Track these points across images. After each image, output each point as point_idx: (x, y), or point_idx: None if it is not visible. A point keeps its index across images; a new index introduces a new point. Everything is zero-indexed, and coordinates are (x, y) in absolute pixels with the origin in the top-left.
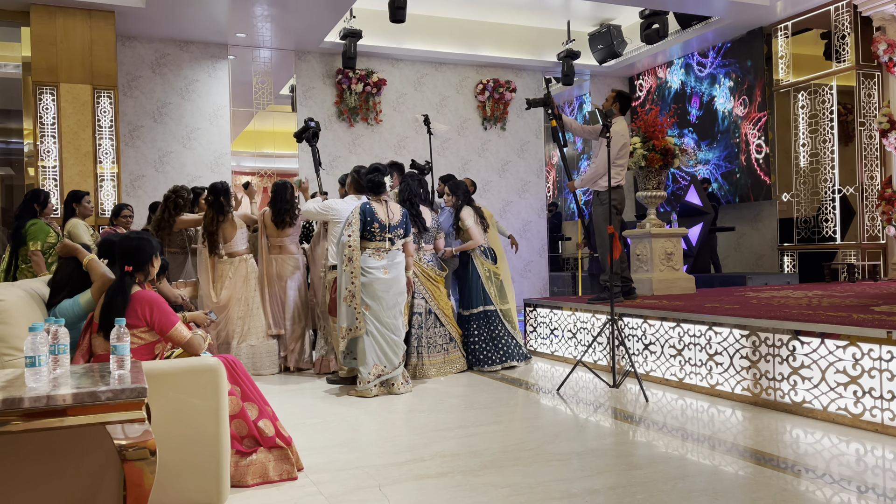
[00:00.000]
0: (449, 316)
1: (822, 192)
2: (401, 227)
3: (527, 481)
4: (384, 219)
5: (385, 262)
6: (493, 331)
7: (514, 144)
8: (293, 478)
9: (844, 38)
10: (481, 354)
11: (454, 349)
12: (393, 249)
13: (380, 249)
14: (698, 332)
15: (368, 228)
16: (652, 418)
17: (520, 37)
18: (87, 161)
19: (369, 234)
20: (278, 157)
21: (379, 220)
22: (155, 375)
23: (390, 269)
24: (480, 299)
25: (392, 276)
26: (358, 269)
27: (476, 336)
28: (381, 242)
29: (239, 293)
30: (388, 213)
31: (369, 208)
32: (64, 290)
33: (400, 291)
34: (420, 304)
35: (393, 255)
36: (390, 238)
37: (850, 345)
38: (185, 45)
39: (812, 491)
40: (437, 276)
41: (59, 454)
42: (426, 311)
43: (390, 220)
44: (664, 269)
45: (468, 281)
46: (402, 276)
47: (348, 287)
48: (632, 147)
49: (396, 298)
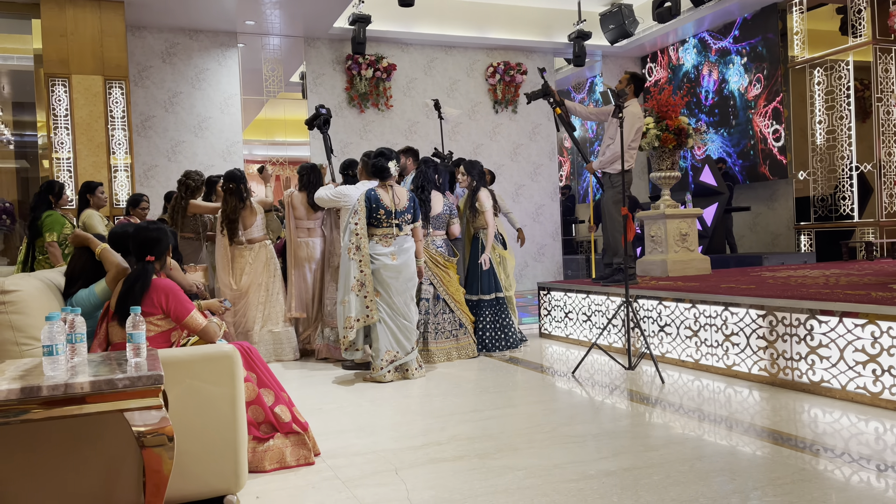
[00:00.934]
0: (460, 302)
1: (839, 169)
2: (408, 213)
3: (543, 463)
4: (390, 205)
5: (393, 248)
6: (504, 318)
7: (525, 127)
8: (310, 463)
9: (861, 13)
10: (490, 341)
11: (464, 336)
12: (401, 235)
13: (387, 236)
14: (714, 313)
15: (374, 215)
16: (668, 400)
17: (530, 18)
18: (100, 152)
19: (376, 221)
20: (290, 145)
21: (384, 207)
22: (171, 363)
23: (399, 255)
24: (493, 286)
25: (400, 261)
26: (367, 257)
27: (489, 323)
28: (388, 229)
29: (259, 279)
30: (395, 199)
31: (374, 195)
32: (79, 281)
33: (410, 277)
34: (428, 290)
35: (401, 241)
36: (397, 224)
37: (868, 323)
38: (194, 34)
39: (831, 470)
40: (448, 262)
41: (79, 442)
42: (434, 296)
43: (396, 206)
44: (679, 250)
45: (479, 266)
46: (411, 261)
47: (357, 276)
48: (645, 127)
49: (406, 284)
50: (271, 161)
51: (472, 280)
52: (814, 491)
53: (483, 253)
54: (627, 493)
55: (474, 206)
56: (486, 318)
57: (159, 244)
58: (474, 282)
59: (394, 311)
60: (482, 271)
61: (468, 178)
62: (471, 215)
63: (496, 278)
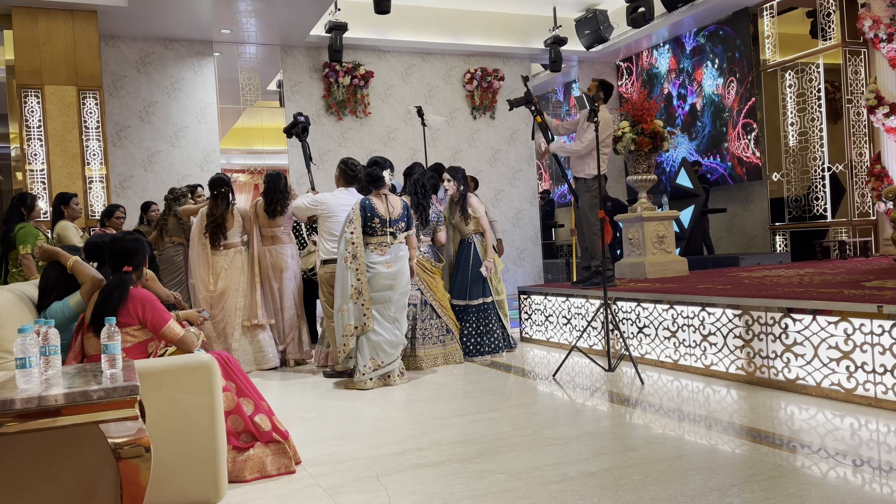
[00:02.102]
0: (446, 308)
1: (811, 170)
2: (402, 221)
3: (524, 466)
4: (384, 213)
5: (388, 256)
6: (489, 323)
7: (503, 133)
8: (291, 471)
9: (830, 16)
10: (473, 346)
11: (451, 342)
12: (395, 243)
13: (382, 244)
14: (692, 314)
15: (370, 224)
16: (648, 400)
17: (506, 24)
18: (74, 163)
19: (370, 230)
20: (268, 154)
21: (379, 216)
22: (148, 373)
23: (394, 263)
24: (480, 291)
25: (395, 269)
26: (363, 265)
27: (473, 327)
28: (382, 237)
29: (236, 283)
30: (389, 207)
31: (369, 203)
32: (52, 293)
33: (405, 285)
34: (415, 296)
35: (396, 249)
36: (392, 232)
37: (841, 320)
38: (169, 43)
39: (808, 466)
40: (434, 268)
41: (54, 455)
42: (421, 302)
43: (391, 215)
44: (656, 252)
45: (468, 270)
46: (405, 269)
47: (354, 284)
48: (620, 131)
49: (401, 292)
50: (249, 170)
51: (461, 285)
52: (790, 487)
53: (478, 257)
54: (608, 493)
55: (465, 211)
56: (471, 322)
57: (136, 255)
58: (462, 287)
59: (386, 320)
60: (471, 276)
61: (454, 183)
62: (461, 220)
63: (486, 283)
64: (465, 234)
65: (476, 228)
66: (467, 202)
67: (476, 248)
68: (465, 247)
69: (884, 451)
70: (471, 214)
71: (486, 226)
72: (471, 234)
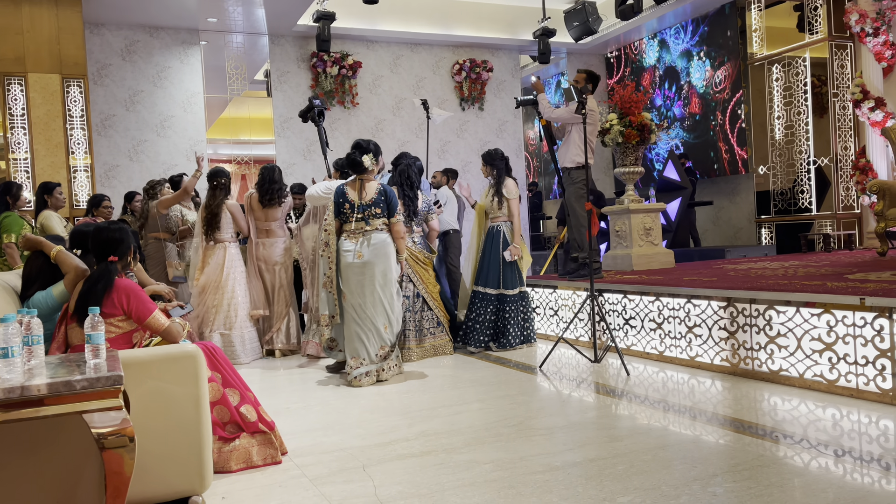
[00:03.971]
0: (437, 300)
1: (797, 163)
2: (376, 206)
3: (510, 456)
4: (354, 198)
5: (358, 245)
6: (527, 312)
7: (492, 125)
8: (277, 462)
9: (817, 10)
10: (511, 336)
11: (441, 334)
12: (370, 231)
13: (355, 231)
14: (677, 305)
15: (342, 210)
16: (633, 391)
17: (495, 15)
18: (58, 152)
19: (343, 216)
20: (255, 144)
21: (349, 200)
22: (133, 364)
23: (365, 252)
24: (518, 280)
25: (366, 259)
26: (335, 254)
27: (511, 316)
28: (356, 223)
29: (215, 280)
30: (362, 192)
31: (341, 188)
32: (35, 283)
33: (380, 277)
34: (409, 288)
35: (370, 236)
36: (362, 217)
37: (824, 312)
38: (155, 32)
39: (790, 456)
40: (426, 259)
41: (37, 445)
42: (414, 294)
43: (362, 200)
44: (643, 244)
45: (500, 259)
46: (380, 258)
47: (326, 272)
48: (608, 123)
49: (372, 283)
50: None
51: (492, 273)
52: (772, 476)
53: (507, 244)
54: (592, 482)
55: (500, 194)
56: (509, 311)
57: (122, 244)
58: (494, 275)
59: (356, 313)
60: (504, 264)
61: (488, 168)
62: (495, 203)
63: (520, 273)
64: (494, 221)
65: (506, 216)
66: (503, 184)
67: (505, 235)
68: (493, 234)
69: (865, 442)
70: (504, 196)
71: (514, 210)
72: (500, 220)
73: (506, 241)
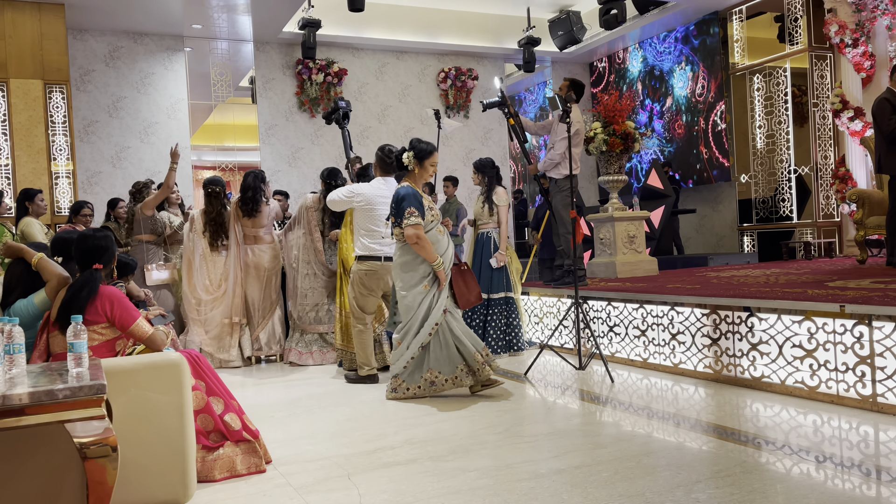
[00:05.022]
0: None
1: (778, 172)
2: None
3: (495, 464)
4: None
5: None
6: (510, 318)
7: (477, 132)
8: (261, 470)
9: (797, 21)
10: (494, 342)
11: None
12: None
13: None
14: (661, 313)
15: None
16: (618, 398)
17: (480, 24)
18: (40, 158)
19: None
20: (240, 151)
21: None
22: (116, 372)
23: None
24: (504, 284)
25: None
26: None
27: (492, 320)
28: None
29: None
30: None
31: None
32: (16, 291)
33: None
34: None
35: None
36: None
37: (805, 319)
38: (139, 38)
39: (773, 462)
40: None
41: (18, 455)
42: None
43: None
44: (627, 252)
45: (488, 265)
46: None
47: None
48: (592, 132)
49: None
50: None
51: (483, 279)
52: (755, 482)
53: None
54: (577, 490)
55: (490, 201)
56: (493, 316)
57: (107, 252)
58: (484, 280)
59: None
60: (493, 269)
61: (479, 175)
62: (485, 210)
63: (508, 277)
64: (484, 228)
65: (496, 223)
66: (493, 192)
67: (494, 241)
68: (483, 241)
69: (845, 448)
70: (495, 202)
71: (503, 217)
72: (489, 227)
73: (496, 246)
